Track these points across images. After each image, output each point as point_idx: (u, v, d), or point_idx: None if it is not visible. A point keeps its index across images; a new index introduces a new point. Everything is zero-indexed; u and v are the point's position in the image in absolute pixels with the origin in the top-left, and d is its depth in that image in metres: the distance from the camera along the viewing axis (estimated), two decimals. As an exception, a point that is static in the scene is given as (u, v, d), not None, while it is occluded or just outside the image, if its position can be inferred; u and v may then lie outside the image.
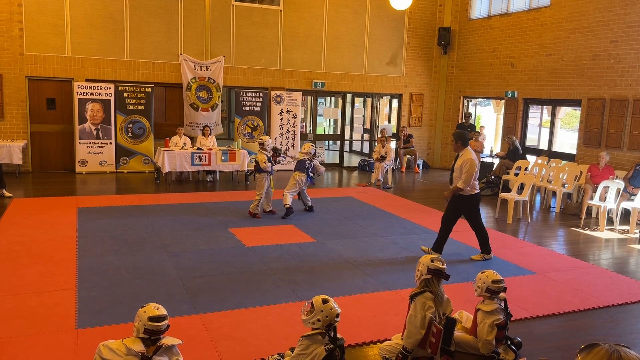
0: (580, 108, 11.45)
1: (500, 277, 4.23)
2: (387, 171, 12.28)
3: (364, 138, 17.53)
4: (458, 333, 4.28)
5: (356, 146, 18.05)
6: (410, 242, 7.42)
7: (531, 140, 13.93)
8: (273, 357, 3.82)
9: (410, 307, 3.95)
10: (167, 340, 3.33)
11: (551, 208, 10.37)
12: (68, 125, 12.15)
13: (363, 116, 17.16)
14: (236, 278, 5.74)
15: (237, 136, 13.22)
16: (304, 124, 15.94)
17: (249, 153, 12.08)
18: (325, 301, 3.47)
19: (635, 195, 8.90)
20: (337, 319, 3.48)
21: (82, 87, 11.80)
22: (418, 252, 6.79)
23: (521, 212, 9.50)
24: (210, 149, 11.47)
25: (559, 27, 11.82)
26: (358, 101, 16.88)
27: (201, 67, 12.81)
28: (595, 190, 9.27)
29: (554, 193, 10.25)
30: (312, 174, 8.88)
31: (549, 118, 12.72)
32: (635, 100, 10.18)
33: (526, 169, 11.12)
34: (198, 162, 11.23)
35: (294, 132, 13.83)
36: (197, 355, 4.04)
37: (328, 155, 16.48)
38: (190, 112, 12.88)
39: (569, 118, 19.91)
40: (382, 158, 12.14)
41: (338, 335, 3.53)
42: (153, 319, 3.23)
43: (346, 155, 16.09)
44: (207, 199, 9.77)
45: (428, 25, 15.14)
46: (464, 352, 4.23)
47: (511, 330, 4.39)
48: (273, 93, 13.50)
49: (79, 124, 11.90)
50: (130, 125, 12.32)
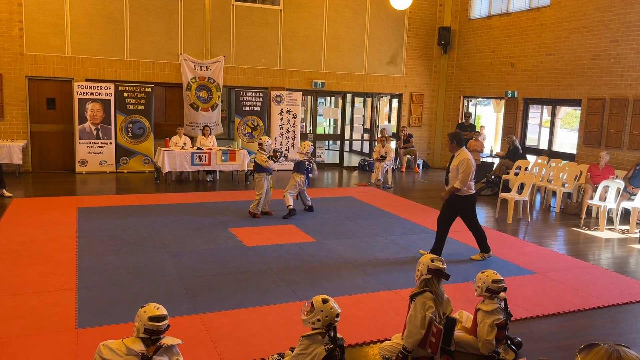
0: (580, 108, 11.45)
1: (500, 277, 4.23)
2: (387, 171, 12.28)
3: (364, 138, 17.53)
4: (458, 333, 4.28)
5: (356, 146, 18.05)
6: (410, 242, 7.42)
7: (531, 140, 13.93)
8: (273, 357, 3.82)
9: (410, 307, 3.95)
10: (167, 340, 3.33)
11: (551, 208, 10.37)
12: (68, 125, 12.15)
13: (363, 116, 17.16)
14: (236, 278, 5.74)
15: (237, 136, 13.23)
16: (304, 124, 15.94)
17: (249, 153, 12.08)
18: (325, 301, 3.47)
19: (635, 195, 8.90)
20: (337, 319, 3.48)
21: (82, 87, 11.81)
22: (418, 253, 6.80)
23: (521, 212, 9.50)
24: (210, 149, 11.48)
25: (559, 27, 11.82)
26: (358, 101, 16.88)
27: (201, 67, 12.81)
28: (595, 190, 9.27)
29: (554, 193, 10.25)
30: (310, 175, 8.89)
31: (549, 118, 12.72)
32: (635, 99, 10.18)
33: (526, 169, 11.12)
34: (198, 162, 11.24)
35: (294, 132, 13.83)
36: (197, 355, 4.04)
37: (328, 155, 16.47)
38: (190, 112, 12.88)
39: (569, 118, 19.91)
40: (382, 158, 12.14)
41: (338, 335, 3.53)
42: (153, 319, 3.23)
43: (346, 155, 16.09)
44: (207, 199, 9.77)
45: (428, 25, 15.14)
46: (464, 352, 4.23)
47: (511, 330, 4.39)
48: (273, 93, 13.50)
49: (79, 124, 11.91)
50: (130, 125, 12.32)
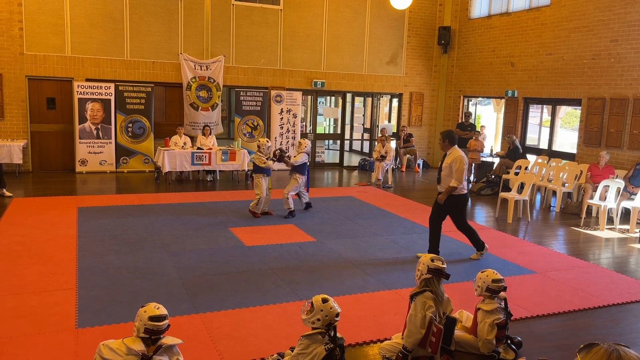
0: (580, 107, 11.44)
1: (500, 277, 4.23)
2: (387, 170, 12.28)
3: (364, 137, 17.52)
4: (458, 332, 4.28)
5: (356, 145, 18.04)
6: (410, 242, 7.42)
7: (531, 139, 13.93)
8: (273, 357, 3.82)
9: (410, 307, 3.95)
10: (168, 339, 3.33)
11: (551, 207, 10.36)
12: (68, 124, 12.15)
13: (363, 115, 17.15)
14: (236, 277, 5.75)
15: (237, 136, 13.23)
16: (304, 124, 15.93)
17: (249, 153, 12.07)
18: (325, 300, 3.47)
19: (635, 194, 8.90)
20: (337, 319, 3.48)
21: (82, 87, 11.80)
22: (418, 252, 6.79)
23: (521, 212, 9.50)
24: (210, 149, 11.48)
25: (559, 27, 11.81)
26: (358, 100, 16.87)
27: (201, 67, 12.81)
28: (595, 189, 9.26)
29: (554, 192, 10.25)
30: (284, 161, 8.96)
31: (549, 117, 12.72)
32: (635, 99, 10.17)
33: (526, 169, 11.12)
34: (198, 162, 11.24)
35: (294, 132, 13.83)
36: (198, 354, 4.04)
37: (328, 154, 16.47)
38: (190, 112, 12.88)
39: (569, 117, 19.90)
40: (382, 157, 12.14)
41: (338, 334, 3.53)
42: (153, 319, 3.23)
43: (346, 154, 16.09)
44: (207, 199, 9.77)
45: (428, 24, 15.13)
46: (464, 352, 4.23)
47: (511, 329, 4.39)
48: (273, 92, 13.50)
49: (79, 124, 11.91)
50: (130, 124, 12.32)
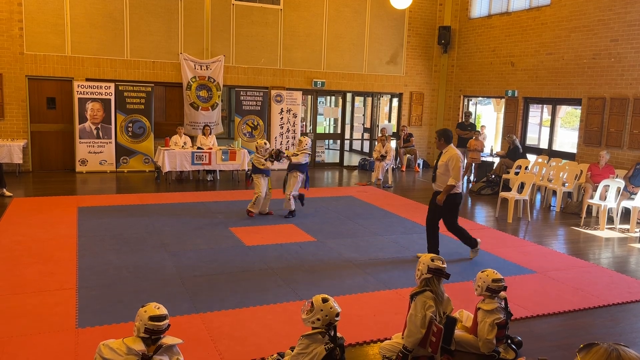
0: (580, 107, 11.44)
1: (500, 276, 4.24)
2: (388, 170, 12.28)
3: (364, 137, 17.52)
4: (458, 332, 4.28)
5: (356, 145, 18.04)
6: (410, 241, 7.42)
7: (531, 139, 13.93)
8: (273, 357, 3.82)
9: (410, 306, 3.96)
10: (168, 339, 3.33)
11: (551, 207, 10.36)
12: (68, 124, 12.15)
13: (363, 115, 17.15)
14: (236, 277, 5.75)
15: (237, 135, 13.23)
16: (304, 123, 15.94)
17: (249, 152, 12.07)
18: (325, 300, 3.47)
19: (635, 194, 8.89)
20: (337, 318, 3.48)
21: (82, 87, 11.80)
22: (418, 252, 6.79)
23: (521, 211, 9.50)
24: (210, 148, 11.48)
25: (559, 26, 11.81)
26: (358, 100, 16.87)
27: (201, 67, 12.81)
28: (595, 189, 9.26)
29: (554, 192, 10.25)
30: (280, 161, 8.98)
31: (549, 117, 12.71)
32: (635, 99, 10.17)
33: (526, 168, 11.12)
34: (198, 162, 11.24)
35: (294, 132, 13.83)
36: (198, 354, 4.04)
37: (328, 154, 16.47)
38: (190, 112, 12.88)
39: (569, 117, 19.88)
40: (383, 157, 12.14)
41: (338, 334, 3.53)
42: (154, 319, 3.23)
43: (346, 154, 16.09)
44: (207, 199, 9.77)
45: (428, 24, 15.13)
46: (465, 351, 4.23)
47: (511, 329, 4.39)
48: (273, 92, 13.50)
49: (79, 124, 11.91)
50: (130, 124, 12.32)
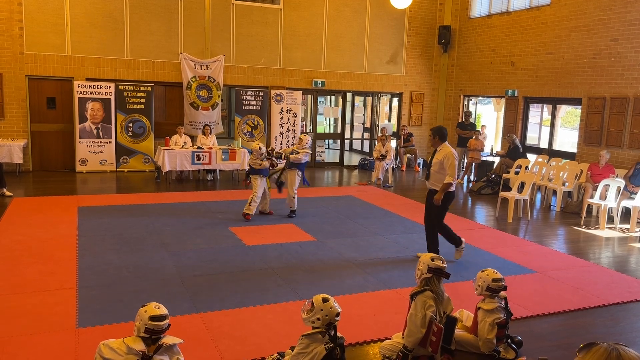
0: (580, 106, 11.44)
1: (500, 276, 4.24)
2: (388, 170, 12.28)
3: (364, 137, 17.52)
4: (459, 332, 4.28)
5: (356, 145, 18.04)
6: (410, 241, 7.42)
7: (531, 138, 13.92)
8: (273, 357, 3.82)
9: (410, 306, 3.96)
10: (168, 339, 3.33)
11: (551, 207, 10.36)
12: (68, 124, 12.14)
13: (363, 115, 17.16)
14: (236, 277, 5.75)
15: (238, 135, 13.23)
16: (304, 123, 15.93)
17: (249, 152, 12.07)
18: (325, 300, 3.47)
19: (635, 193, 8.89)
20: (337, 318, 3.48)
21: (82, 86, 11.80)
22: (418, 251, 6.79)
23: (521, 211, 9.50)
24: (210, 148, 11.48)
25: (560, 26, 11.80)
26: (358, 100, 16.87)
27: (201, 66, 12.81)
28: (595, 188, 9.26)
29: (555, 192, 10.25)
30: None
31: (550, 116, 12.71)
32: (635, 98, 10.17)
33: (526, 168, 11.12)
34: (198, 161, 11.24)
35: (294, 131, 13.83)
36: (198, 354, 4.04)
37: (328, 154, 16.47)
38: (190, 111, 12.88)
39: (570, 116, 19.88)
40: (383, 157, 12.14)
41: (338, 334, 3.53)
42: (154, 318, 3.23)
43: (346, 154, 16.08)
44: (208, 198, 9.77)
45: (428, 23, 15.12)
46: (465, 351, 4.24)
47: (512, 328, 4.39)
48: (273, 92, 13.50)
49: (79, 123, 11.91)
50: (130, 124, 12.32)
